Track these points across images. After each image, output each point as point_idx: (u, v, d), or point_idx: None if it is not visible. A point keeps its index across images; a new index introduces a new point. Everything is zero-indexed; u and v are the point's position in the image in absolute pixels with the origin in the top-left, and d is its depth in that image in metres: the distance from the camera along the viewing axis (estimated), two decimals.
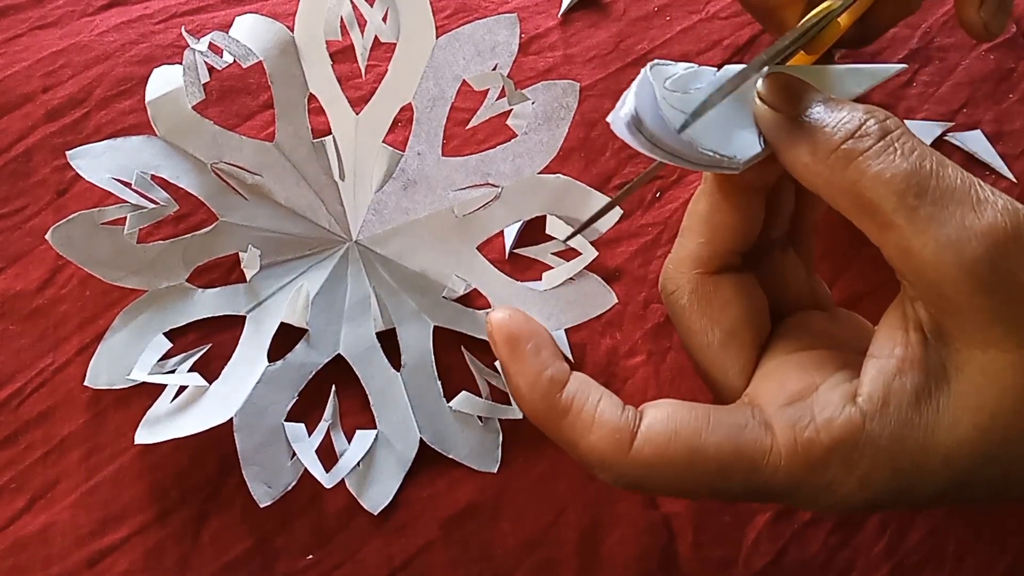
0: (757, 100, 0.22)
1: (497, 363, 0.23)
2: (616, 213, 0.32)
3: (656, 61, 0.21)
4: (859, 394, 0.21)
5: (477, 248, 0.34)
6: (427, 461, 0.33)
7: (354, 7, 0.33)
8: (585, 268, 0.33)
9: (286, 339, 0.33)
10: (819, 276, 0.27)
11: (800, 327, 0.25)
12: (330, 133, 0.34)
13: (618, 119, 0.21)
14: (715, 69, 0.22)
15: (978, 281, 0.19)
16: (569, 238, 0.28)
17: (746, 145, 0.22)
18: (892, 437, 0.20)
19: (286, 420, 0.32)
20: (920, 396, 0.20)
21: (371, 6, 0.33)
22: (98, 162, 0.32)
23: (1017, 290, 0.19)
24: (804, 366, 0.23)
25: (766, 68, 0.22)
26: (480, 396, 0.33)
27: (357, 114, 0.34)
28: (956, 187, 0.19)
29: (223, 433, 0.31)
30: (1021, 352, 0.19)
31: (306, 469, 0.32)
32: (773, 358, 0.24)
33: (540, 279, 0.33)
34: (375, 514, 0.32)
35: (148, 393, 0.32)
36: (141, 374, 0.31)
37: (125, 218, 0.31)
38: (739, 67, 0.22)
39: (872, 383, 0.21)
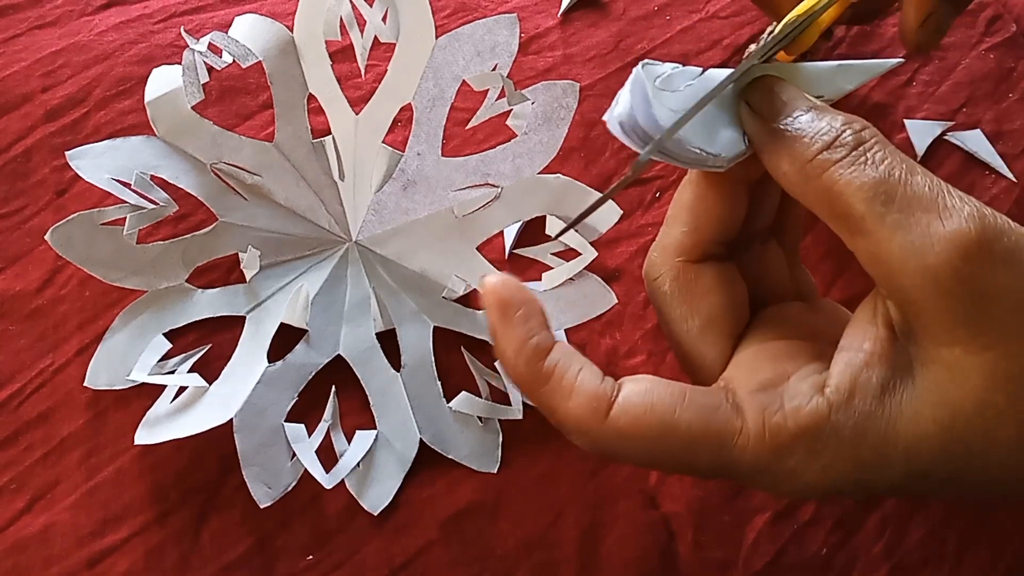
0: (743, 103, 0.23)
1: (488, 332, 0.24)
2: (616, 213, 0.32)
3: (646, 61, 0.22)
4: (827, 385, 0.21)
5: (477, 248, 0.34)
6: (427, 461, 0.33)
7: (353, 7, 0.33)
8: (585, 268, 0.33)
9: (286, 339, 0.33)
10: (814, 274, 0.28)
11: (777, 318, 0.26)
12: (330, 133, 0.34)
13: (612, 118, 0.22)
14: (700, 69, 0.22)
15: (940, 286, 0.20)
16: (560, 234, 0.28)
17: (731, 143, 0.23)
18: (855, 428, 0.21)
19: (286, 420, 0.32)
20: (885, 389, 0.21)
21: (371, 6, 0.33)
22: (97, 162, 0.32)
23: (980, 295, 0.20)
24: (778, 356, 0.24)
25: (754, 66, 0.23)
26: (480, 396, 0.33)
27: (357, 114, 0.34)
28: (924, 194, 0.20)
29: (223, 434, 0.31)
30: (986, 355, 0.20)
31: (306, 470, 0.32)
32: (748, 346, 0.25)
33: (540, 279, 0.33)
34: (375, 514, 0.32)
35: (148, 393, 0.32)
36: (141, 374, 0.31)
37: (125, 218, 0.31)
38: (723, 72, 0.22)
39: (840, 375, 0.21)
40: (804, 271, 0.27)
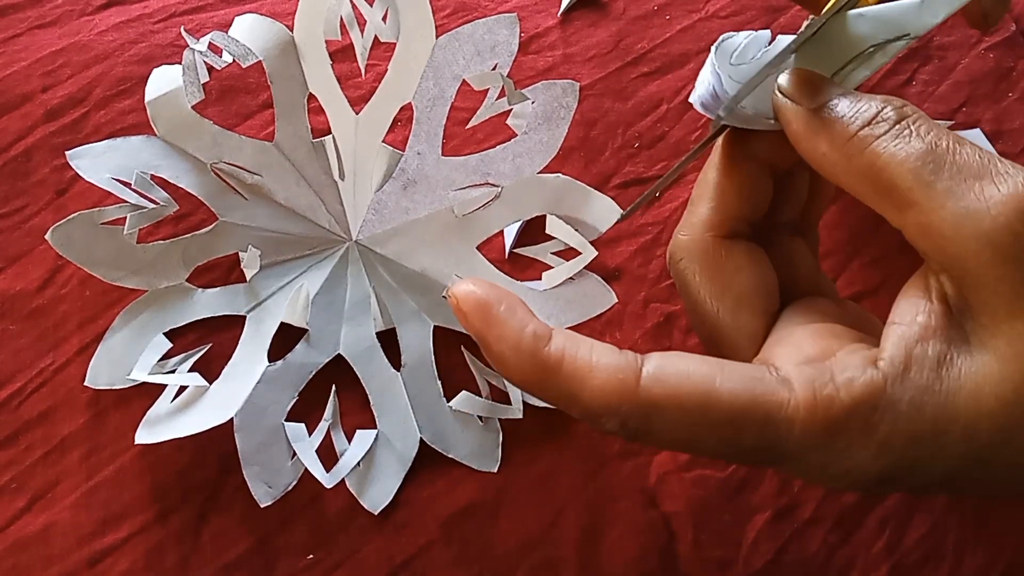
0: (777, 93, 0.22)
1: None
2: (616, 212, 0.32)
3: (723, 36, 0.23)
4: (880, 358, 0.20)
5: (477, 248, 0.34)
6: (427, 461, 0.33)
7: (354, 7, 0.33)
8: (585, 267, 0.33)
9: (286, 339, 0.33)
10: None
11: (811, 307, 0.25)
12: (330, 133, 0.34)
13: (696, 99, 0.24)
14: (770, 34, 0.23)
15: (999, 251, 0.19)
16: (625, 216, 0.28)
17: None
18: (912, 402, 0.19)
19: (286, 420, 0.32)
20: (942, 363, 0.20)
21: (371, 6, 0.33)
22: (98, 162, 0.32)
23: None
24: (819, 334, 0.22)
25: (824, 22, 0.23)
26: (480, 396, 0.33)
27: (357, 114, 0.34)
28: (974, 161, 0.20)
29: (223, 433, 0.31)
30: None
31: (306, 469, 0.32)
32: (784, 327, 0.24)
33: (540, 279, 0.33)
34: (375, 514, 0.32)
35: (148, 393, 0.32)
36: (141, 374, 0.31)
37: (125, 218, 0.31)
38: (787, 40, 0.23)
39: (894, 347, 0.20)
40: (825, 276, 0.27)
